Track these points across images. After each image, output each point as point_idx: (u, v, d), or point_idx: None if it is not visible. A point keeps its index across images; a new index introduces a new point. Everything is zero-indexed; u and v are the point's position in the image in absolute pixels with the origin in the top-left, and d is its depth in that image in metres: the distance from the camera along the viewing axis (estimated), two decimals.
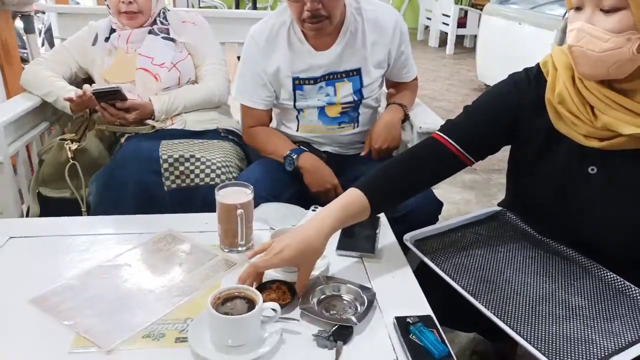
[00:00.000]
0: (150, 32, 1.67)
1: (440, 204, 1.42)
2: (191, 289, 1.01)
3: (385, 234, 1.21)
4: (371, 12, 1.47)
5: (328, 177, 1.43)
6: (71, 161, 1.50)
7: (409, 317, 0.90)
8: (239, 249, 1.12)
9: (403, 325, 0.89)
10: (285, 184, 1.44)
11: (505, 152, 1.21)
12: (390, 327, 0.91)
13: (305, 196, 1.47)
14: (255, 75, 1.49)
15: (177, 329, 0.90)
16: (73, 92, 1.58)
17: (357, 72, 1.48)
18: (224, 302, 0.87)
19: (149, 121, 1.59)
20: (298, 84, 1.48)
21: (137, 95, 1.61)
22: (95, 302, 0.96)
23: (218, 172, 1.42)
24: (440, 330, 0.89)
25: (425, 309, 0.95)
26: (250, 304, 0.86)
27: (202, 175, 1.41)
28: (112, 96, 1.52)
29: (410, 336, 0.87)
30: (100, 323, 0.91)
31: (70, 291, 0.99)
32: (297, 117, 1.56)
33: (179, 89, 1.67)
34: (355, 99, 1.52)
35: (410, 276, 1.06)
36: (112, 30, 1.69)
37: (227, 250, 1.13)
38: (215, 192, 1.10)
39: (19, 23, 2.89)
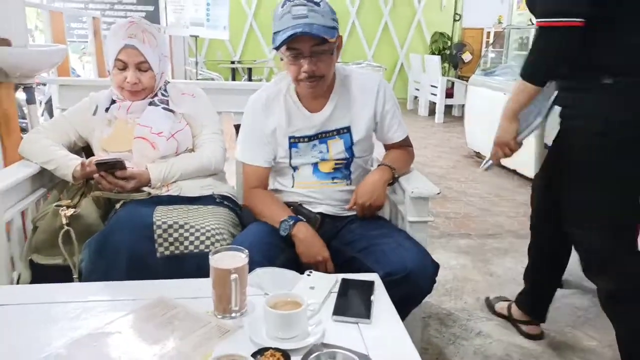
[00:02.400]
0: (150, 104, 1.72)
1: (437, 266, 1.43)
2: (184, 357, 0.98)
3: (381, 299, 1.20)
4: (358, 78, 1.62)
5: (319, 250, 1.45)
6: (65, 227, 1.49)
7: None
8: (233, 314, 1.10)
9: None
10: (280, 248, 1.44)
11: (496, 217, 1.22)
12: None
13: (300, 261, 1.47)
14: (257, 135, 1.60)
15: None
16: (76, 160, 1.61)
17: (347, 129, 1.59)
18: None
19: (145, 188, 1.60)
20: (293, 142, 1.58)
21: (134, 163, 1.63)
22: None
23: (212, 239, 1.42)
24: None
25: None
26: None
27: (196, 242, 1.41)
28: (113, 166, 1.54)
29: None
30: None
31: None
32: (292, 175, 1.62)
33: (176, 157, 1.70)
34: (347, 156, 1.60)
35: (407, 343, 1.03)
36: (113, 101, 1.75)
37: (220, 316, 1.11)
38: (210, 256, 1.10)
39: (20, 94, 2.97)
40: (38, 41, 3.98)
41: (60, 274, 1.49)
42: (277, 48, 1.44)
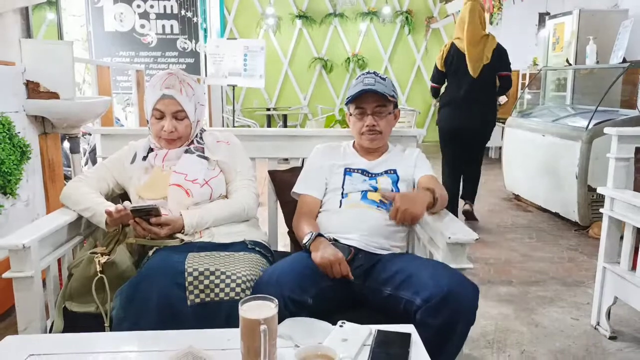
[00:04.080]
0: (186, 152, 1.75)
1: (476, 289, 1.41)
2: None
3: (418, 353, 1.14)
4: (403, 146, 1.99)
5: (333, 252, 1.54)
6: (99, 274, 1.50)
7: None
8: None
9: None
10: (312, 280, 1.47)
11: (539, 262, 1.16)
12: None
13: (332, 300, 1.48)
14: (313, 169, 1.88)
15: None
16: (111, 207, 1.63)
17: (394, 171, 1.84)
18: None
19: (178, 235, 1.61)
20: (348, 171, 1.83)
21: (168, 210, 1.65)
22: None
23: (243, 286, 1.40)
24: None
25: None
26: None
27: (227, 290, 1.39)
28: (148, 212, 1.56)
29: None
30: None
31: None
32: (341, 200, 1.78)
33: (209, 203, 1.70)
34: (394, 189, 1.78)
35: None
36: (150, 150, 1.79)
37: None
38: (239, 305, 1.07)
39: (66, 144, 3.10)
40: (86, 93, 4.18)
41: (92, 322, 1.49)
42: (347, 103, 1.84)
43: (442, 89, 4.04)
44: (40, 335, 1.41)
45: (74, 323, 1.53)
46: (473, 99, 3.80)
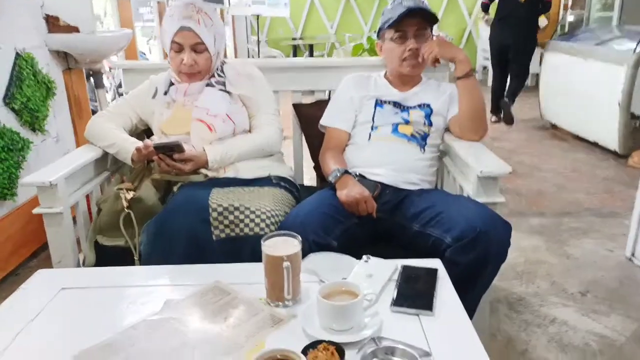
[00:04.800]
0: (207, 85, 1.70)
1: (509, 227, 1.36)
2: (235, 346, 0.96)
3: (445, 288, 1.12)
4: (438, 79, 1.87)
5: (360, 190, 1.50)
6: (126, 210, 1.51)
7: None
8: (286, 303, 1.06)
9: None
10: (336, 220, 1.44)
11: (574, 193, 1.10)
12: None
13: (357, 239, 1.45)
14: (342, 101, 1.79)
15: None
16: (135, 144, 1.62)
17: (428, 105, 1.73)
18: None
19: (203, 170, 1.59)
20: (380, 103, 1.74)
21: (191, 145, 1.62)
22: (139, 358, 0.93)
23: (267, 221, 1.39)
24: None
25: None
26: None
27: (251, 225, 1.38)
28: (171, 148, 1.54)
29: None
30: None
31: (114, 348, 0.96)
32: (370, 133, 1.71)
33: (233, 138, 1.67)
34: (426, 122, 1.70)
35: (473, 338, 0.95)
36: (171, 84, 1.74)
37: (273, 304, 1.08)
38: (262, 242, 1.06)
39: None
40: (108, 26, 4.10)
41: (122, 256, 1.52)
42: (387, 28, 1.69)
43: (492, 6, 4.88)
44: (72, 270, 1.45)
45: (106, 257, 1.57)
46: (521, 17, 4.59)
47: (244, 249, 1.37)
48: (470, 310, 1.29)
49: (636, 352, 1.70)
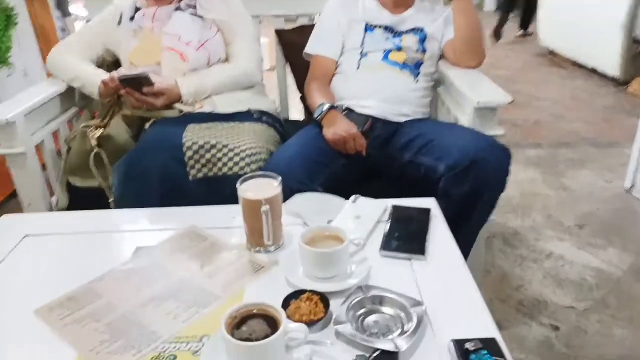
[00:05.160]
0: (176, 9, 1.53)
1: (508, 154, 1.26)
2: (211, 297, 0.88)
3: (439, 229, 1.03)
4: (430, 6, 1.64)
5: (346, 126, 1.38)
6: (95, 149, 1.40)
7: (469, 340, 0.73)
8: (267, 249, 0.98)
9: (461, 351, 0.72)
10: (323, 164, 1.33)
11: (572, 123, 0.99)
12: (445, 353, 0.74)
13: (345, 179, 1.34)
14: (328, 26, 1.63)
15: (191, 350, 0.77)
16: (101, 76, 1.48)
17: (422, 30, 1.59)
18: (243, 322, 0.73)
19: (177, 105, 1.46)
20: (369, 27, 1.59)
21: (163, 77, 1.48)
22: (103, 313, 0.85)
23: (247, 160, 1.28)
24: (509, 358, 0.71)
25: (490, 330, 0.77)
26: (272, 324, 0.72)
27: (230, 164, 1.27)
28: (139, 82, 1.40)
29: None
30: (104, 342, 0.79)
31: (78, 301, 0.88)
32: (359, 60, 1.57)
33: (208, 69, 1.53)
34: (419, 48, 1.56)
35: (470, 285, 0.87)
36: (137, 9, 1.57)
37: (253, 250, 0.99)
38: (237, 185, 0.96)
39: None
40: None
41: (97, 197, 1.43)
42: None
43: None
44: (37, 215, 1.35)
45: (79, 199, 1.48)
46: None
47: (223, 189, 1.26)
48: (466, 248, 1.22)
49: (633, 285, 1.67)
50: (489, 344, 0.73)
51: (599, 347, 1.43)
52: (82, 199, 1.47)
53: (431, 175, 1.27)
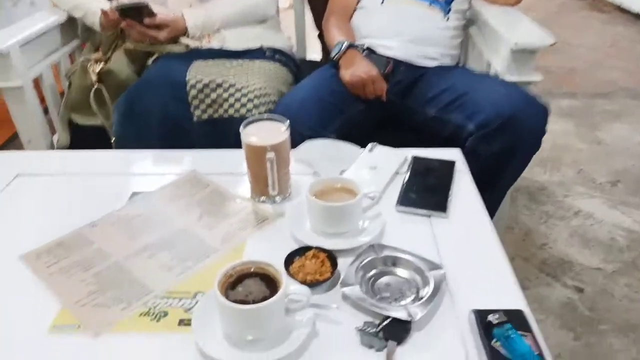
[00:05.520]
0: None
1: (545, 112, 1.14)
2: (209, 250, 0.81)
3: (464, 184, 0.93)
4: None
5: (365, 68, 1.25)
6: (96, 85, 1.30)
7: (493, 312, 0.64)
8: (273, 199, 0.89)
9: (483, 324, 0.63)
10: (337, 109, 1.22)
11: (610, 72, 0.86)
12: (464, 325, 0.66)
13: (361, 127, 1.23)
14: None
15: (184, 307, 0.70)
16: (103, 6, 1.36)
17: None
18: (239, 281, 0.65)
19: (183, 39, 1.35)
20: None
21: (169, 8, 1.36)
22: (93, 262, 0.79)
23: (256, 101, 1.18)
24: (538, 335, 0.62)
25: (517, 301, 0.68)
26: (272, 285, 0.64)
27: (237, 105, 1.17)
28: (139, 12, 1.28)
29: (493, 342, 0.61)
30: (91, 293, 0.73)
31: (67, 248, 0.82)
32: None
33: (216, 0, 1.39)
34: None
35: (496, 249, 0.78)
36: None
37: (257, 200, 0.91)
38: (241, 128, 0.86)
39: None
40: None
41: (100, 136, 1.35)
42: None
43: None
44: (31, 152, 1.29)
45: (82, 138, 1.40)
46: None
47: (228, 133, 1.17)
48: (492, 209, 1.12)
49: None
50: (514, 317, 0.64)
51: (626, 312, 1.35)
52: (84, 138, 1.40)
53: (459, 134, 1.15)
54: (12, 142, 2.21)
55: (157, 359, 0.63)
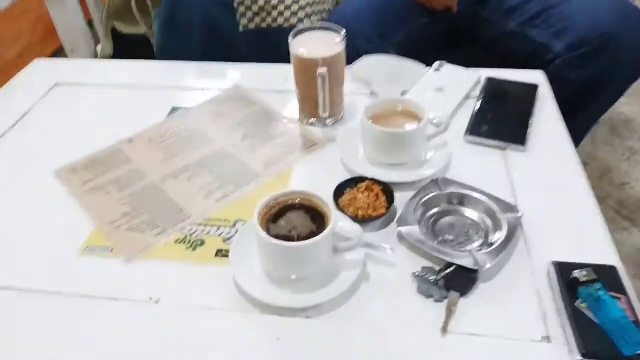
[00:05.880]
0: None
1: None
2: (251, 175, 0.73)
3: (547, 114, 0.79)
4: None
5: None
6: None
7: (580, 267, 0.54)
8: (323, 122, 0.80)
9: (567, 280, 0.54)
10: (399, 19, 1.06)
11: None
12: (542, 279, 0.56)
13: (426, 42, 1.07)
14: None
15: (223, 236, 0.64)
16: None
17: None
18: (282, 214, 0.57)
19: None
20: None
21: None
22: (128, 182, 0.73)
23: (309, 9, 1.04)
24: (633, 298, 0.52)
25: (609, 256, 0.57)
26: (318, 220, 0.56)
27: (287, 14, 1.04)
28: None
29: (577, 303, 0.52)
30: (126, 215, 0.68)
31: (102, 165, 0.77)
32: None
33: None
34: None
35: (584, 191, 0.66)
36: None
37: (306, 122, 0.81)
38: (290, 38, 0.75)
39: None
40: None
41: (144, 46, 1.27)
42: None
43: None
44: (71, 60, 1.23)
45: (126, 47, 1.33)
46: None
47: (278, 45, 1.05)
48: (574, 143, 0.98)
49: None
50: (606, 275, 0.54)
51: None
52: (128, 48, 1.32)
53: (541, 55, 0.98)
54: (58, 55, 2.17)
55: (189, 292, 0.57)
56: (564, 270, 0.54)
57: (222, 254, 0.62)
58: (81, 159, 0.78)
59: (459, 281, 0.55)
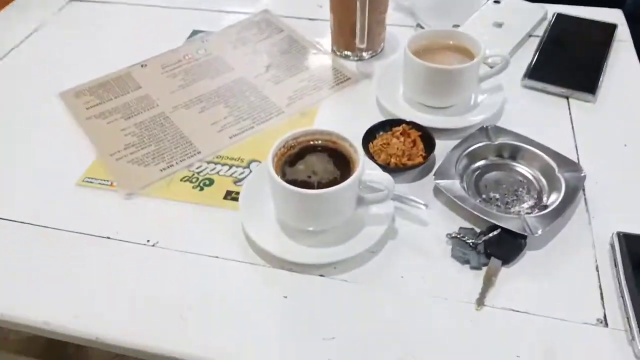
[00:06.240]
0: None
1: None
2: (272, 111, 0.65)
3: (624, 61, 0.68)
4: None
5: None
6: None
7: None
8: (359, 54, 0.70)
9: (631, 253, 0.45)
10: None
11: None
12: (603, 251, 0.47)
13: None
14: None
15: (234, 176, 0.57)
16: None
17: None
18: (301, 156, 0.49)
19: None
20: None
21: None
22: (135, 109, 0.66)
23: None
24: None
25: None
26: (343, 165, 0.48)
27: None
28: None
29: None
30: (130, 146, 0.61)
31: (110, 89, 0.69)
32: None
33: None
34: None
35: None
36: None
37: (339, 54, 0.72)
38: None
39: None
40: None
41: None
42: None
43: None
44: None
45: None
46: None
47: None
48: None
49: None
50: None
51: None
52: None
53: None
54: None
55: (190, 236, 0.51)
56: (630, 243, 0.45)
57: (231, 196, 0.55)
58: (88, 82, 0.71)
59: (502, 247, 0.47)
